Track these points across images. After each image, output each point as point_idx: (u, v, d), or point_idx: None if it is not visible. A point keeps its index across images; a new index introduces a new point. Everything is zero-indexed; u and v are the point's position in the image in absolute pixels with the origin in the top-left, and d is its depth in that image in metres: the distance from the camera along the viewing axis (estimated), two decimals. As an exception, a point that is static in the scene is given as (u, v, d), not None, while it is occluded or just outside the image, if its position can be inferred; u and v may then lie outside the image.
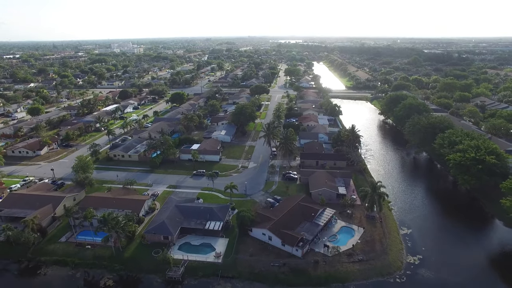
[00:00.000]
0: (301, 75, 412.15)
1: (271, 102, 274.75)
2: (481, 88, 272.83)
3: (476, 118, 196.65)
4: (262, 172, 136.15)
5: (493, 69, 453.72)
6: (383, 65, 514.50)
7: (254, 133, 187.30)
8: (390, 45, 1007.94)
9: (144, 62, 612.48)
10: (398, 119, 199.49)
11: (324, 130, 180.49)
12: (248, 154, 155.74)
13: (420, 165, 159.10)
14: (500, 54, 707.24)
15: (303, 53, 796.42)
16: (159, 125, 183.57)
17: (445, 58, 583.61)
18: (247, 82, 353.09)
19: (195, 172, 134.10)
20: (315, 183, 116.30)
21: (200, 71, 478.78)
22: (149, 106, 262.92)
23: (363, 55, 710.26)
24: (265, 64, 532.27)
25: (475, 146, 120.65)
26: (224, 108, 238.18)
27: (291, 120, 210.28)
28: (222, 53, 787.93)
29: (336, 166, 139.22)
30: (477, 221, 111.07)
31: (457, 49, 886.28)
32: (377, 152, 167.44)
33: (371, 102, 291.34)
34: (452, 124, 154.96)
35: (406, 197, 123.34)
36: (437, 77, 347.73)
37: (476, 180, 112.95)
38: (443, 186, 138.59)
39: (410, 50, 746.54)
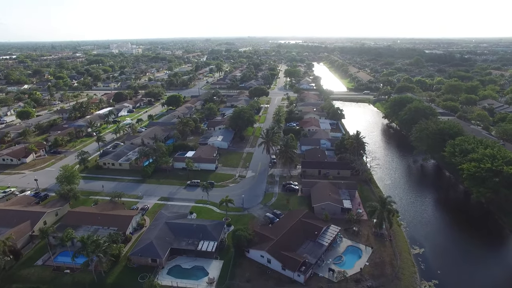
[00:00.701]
0: (301, 76, 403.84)
1: (270, 104, 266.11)
2: (488, 90, 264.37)
3: (486, 122, 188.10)
4: (260, 183, 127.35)
5: (497, 70, 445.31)
6: (385, 66, 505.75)
7: (252, 139, 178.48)
8: (391, 46, 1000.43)
9: (142, 63, 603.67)
10: (403, 123, 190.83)
11: (326, 135, 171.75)
12: (246, 162, 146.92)
13: (428, 173, 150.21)
14: (502, 55, 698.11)
15: (303, 54, 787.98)
16: (153, 130, 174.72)
17: (447, 58, 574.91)
18: (246, 84, 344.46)
19: (189, 182, 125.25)
20: (318, 196, 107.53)
21: (198, 72, 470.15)
22: (145, 109, 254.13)
23: (364, 56, 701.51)
24: (265, 65, 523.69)
25: (491, 155, 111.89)
26: (221, 112, 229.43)
27: (292, 124, 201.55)
28: (221, 54, 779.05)
29: (340, 175, 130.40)
30: (494, 237, 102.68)
31: (458, 50, 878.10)
32: (382, 159, 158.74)
33: (373, 104, 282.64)
34: (462, 130, 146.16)
35: (415, 209, 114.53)
36: (441, 78, 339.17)
37: (493, 193, 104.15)
38: (454, 196, 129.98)
39: (411, 51, 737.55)
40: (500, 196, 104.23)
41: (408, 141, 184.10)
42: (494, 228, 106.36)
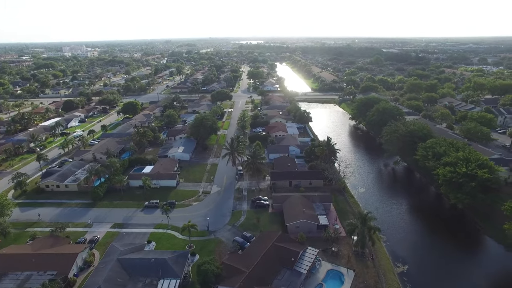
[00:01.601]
0: (265, 77, 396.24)
1: (234, 108, 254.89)
2: (446, 88, 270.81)
3: (449, 121, 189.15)
4: (227, 199, 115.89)
5: (449, 68, 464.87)
6: (347, 65, 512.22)
7: (216, 148, 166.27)
8: (350, 45, 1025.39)
9: (97, 67, 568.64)
10: (371, 125, 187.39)
11: (294, 141, 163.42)
12: (210, 175, 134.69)
13: (400, 177, 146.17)
14: (451, 54, 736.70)
15: (265, 54, 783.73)
16: (106, 143, 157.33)
17: (404, 57, 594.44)
18: (208, 87, 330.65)
19: (147, 203, 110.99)
20: (291, 213, 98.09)
21: (157, 75, 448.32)
22: (98, 118, 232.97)
23: (325, 55, 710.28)
24: (227, 67, 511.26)
25: (464, 158, 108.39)
26: (182, 118, 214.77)
27: (257, 130, 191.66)
28: (182, 56, 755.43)
29: (312, 185, 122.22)
30: (475, 245, 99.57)
31: (412, 49, 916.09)
32: (353, 163, 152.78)
33: (339, 105, 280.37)
34: (431, 131, 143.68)
35: (393, 219, 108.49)
36: (401, 77, 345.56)
37: (470, 198, 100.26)
38: (428, 200, 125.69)
39: (370, 50, 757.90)
40: (477, 201, 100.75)
41: (377, 142, 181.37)
42: (473, 234, 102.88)
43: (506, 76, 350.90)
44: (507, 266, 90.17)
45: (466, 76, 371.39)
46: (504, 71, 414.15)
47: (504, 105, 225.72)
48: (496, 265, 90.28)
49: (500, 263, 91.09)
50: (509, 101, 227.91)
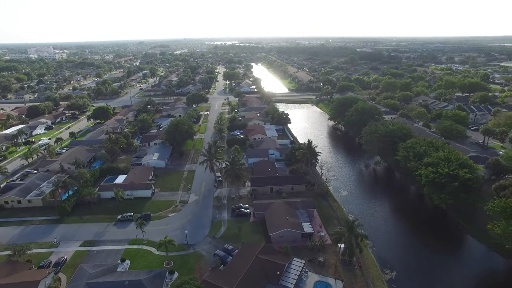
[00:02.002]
0: (241, 78, 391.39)
1: (211, 111, 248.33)
2: (420, 87, 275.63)
3: (425, 119, 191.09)
4: (206, 208, 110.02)
5: (420, 67, 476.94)
6: (322, 65, 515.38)
7: (193, 153, 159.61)
8: (324, 45, 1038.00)
9: (66, 70, 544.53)
10: (350, 125, 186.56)
11: (274, 144, 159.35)
12: (187, 182, 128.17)
13: (381, 178, 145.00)
14: (421, 53, 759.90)
15: (241, 55, 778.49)
16: (75, 152, 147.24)
17: (377, 56, 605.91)
18: (183, 89, 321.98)
19: (120, 217, 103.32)
20: (274, 222, 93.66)
21: (130, 78, 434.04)
22: (67, 125, 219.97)
23: (300, 55, 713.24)
24: (202, 68, 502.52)
25: (445, 158, 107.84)
26: (157, 123, 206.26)
27: (235, 133, 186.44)
28: (156, 57, 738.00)
29: (294, 190, 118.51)
30: (459, 246, 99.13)
31: (385, 48, 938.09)
32: (333, 164, 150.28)
33: (317, 105, 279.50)
34: (411, 131, 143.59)
35: (378, 223, 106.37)
36: (376, 76, 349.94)
37: (454, 199, 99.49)
38: (410, 201, 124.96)
39: (344, 49, 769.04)
40: (460, 201, 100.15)
41: (356, 142, 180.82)
42: (456, 234, 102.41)
43: (473, 75, 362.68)
44: (490, 265, 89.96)
45: (437, 75, 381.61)
46: (470, 70, 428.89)
47: (474, 103, 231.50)
48: (480, 265, 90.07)
49: (484, 263, 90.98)
50: (478, 99, 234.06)
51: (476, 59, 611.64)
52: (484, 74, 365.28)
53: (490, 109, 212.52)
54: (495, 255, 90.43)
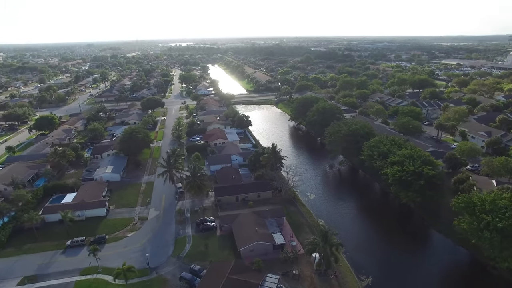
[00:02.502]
0: (198, 80, 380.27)
1: (168, 116, 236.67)
2: (375, 85, 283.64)
3: (383, 116, 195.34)
4: (168, 224, 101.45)
5: (373, 65, 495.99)
6: (279, 65, 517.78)
7: (151, 163, 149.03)
8: (279, 44, 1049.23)
9: (2, 75, 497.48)
10: (311, 125, 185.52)
11: (236, 149, 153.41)
12: (146, 196, 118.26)
13: (346, 178, 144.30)
14: (371, 51, 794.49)
15: (197, 56, 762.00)
16: (13, 170, 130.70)
17: (331, 55, 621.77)
18: (138, 94, 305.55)
19: (70, 242, 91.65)
20: (243, 235, 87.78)
21: (79, 83, 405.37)
22: (3, 138, 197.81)
23: (257, 56, 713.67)
24: (157, 71, 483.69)
25: (409, 155, 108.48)
26: (110, 132, 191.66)
27: (195, 138, 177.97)
28: (107, 61, 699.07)
29: (261, 198, 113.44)
30: (427, 242, 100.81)
31: (337, 47, 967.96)
32: (298, 166, 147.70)
33: (276, 105, 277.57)
34: (372, 129, 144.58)
35: (348, 225, 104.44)
36: (333, 75, 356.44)
37: (420, 196, 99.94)
38: (377, 200, 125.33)
39: (299, 49, 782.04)
40: (426, 198, 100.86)
41: (319, 142, 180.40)
42: (423, 230, 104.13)
43: (421, 71, 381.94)
44: (457, 259, 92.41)
45: (388, 72, 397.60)
46: (417, 67, 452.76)
47: (425, 98, 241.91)
48: (447, 259, 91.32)
49: (451, 257, 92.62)
50: (428, 95, 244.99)
51: (420, 57, 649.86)
52: (430, 71, 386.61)
53: (439, 104, 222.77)
54: (461, 249, 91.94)
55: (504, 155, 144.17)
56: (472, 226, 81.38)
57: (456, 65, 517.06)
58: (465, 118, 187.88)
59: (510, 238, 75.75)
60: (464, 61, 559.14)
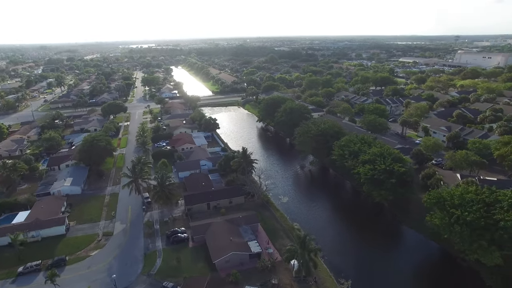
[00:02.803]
0: (161, 83, 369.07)
1: (131, 121, 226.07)
2: (340, 83, 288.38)
3: (350, 115, 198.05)
4: (136, 238, 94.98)
5: (336, 63, 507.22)
6: (244, 65, 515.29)
7: (115, 173, 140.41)
8: (243, 45, 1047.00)
9: None
10: (280, 125, 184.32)
11: (205, 153, 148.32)
12: (110, 209, 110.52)
13: (318, 178, 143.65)
14: (334, 50, 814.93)
15: (159, 58, 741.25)
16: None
17: (295, 55, 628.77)
18: (98, 99, 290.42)
19: (22, 269, 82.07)
20: (217, 245, 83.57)
21: (31, 88, 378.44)
22: None
23: (221, 56, 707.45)
24: (118, 74, 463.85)
25: (380, 154, 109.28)
26: (68, 140, 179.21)
27: (161, 144, 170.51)
28: (63, 64, 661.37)
29: (233, 204, 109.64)
30: (400, 239, 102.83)
31: (300, 46, 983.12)
32: (269, 169, 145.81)
33: (243, 107, 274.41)
34: (341, 128, 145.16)
35: (323, 226, 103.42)
36: (298, 74, 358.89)
37: (393, 194, 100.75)
38: (349, 199, 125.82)
39: (263, 49, 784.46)
40: (398, 195, 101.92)
41: (288, 143, 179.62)
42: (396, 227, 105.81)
43: (381, 70, 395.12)
44: (429, 253, 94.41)
45: (351, 70, 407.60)
46: (378, 65, 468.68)
47: (388, 96, 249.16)
48: (421, 254, 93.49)
49: (423, 251, 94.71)
50: (391, 92, 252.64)
51: (379, 55, 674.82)
52: (390, 69, 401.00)
53: (402, 101, 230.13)
54: (432, 243, 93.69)
55: (464, 148, 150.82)
56: (443, 221, 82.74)
57: (412, 63, 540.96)
58: (426, 113, 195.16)
59: (478, 231, 77.67)
60: (419, 59, 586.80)
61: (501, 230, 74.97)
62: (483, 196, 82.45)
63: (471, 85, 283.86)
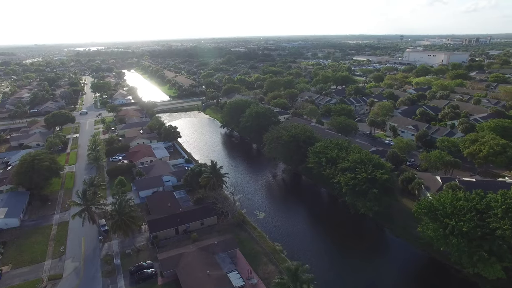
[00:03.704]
0: (114, 88, 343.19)
1: (81, 133, 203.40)
2: (302, 83, 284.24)
3: (317, 116, 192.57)
4: (92, 279, 79.35)
5: (293, 63, 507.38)
6: (200, 67, 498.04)
7: (63, 196, 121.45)
8: (197, 46, 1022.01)
9: None
10: (246, 131, 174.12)
11: (167, 167, 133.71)
12: (58, 243, 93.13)
13: (293, 187, 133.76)
14: (289, 50, 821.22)
15: (110, 61, 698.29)
16: None
17: (252, 55, 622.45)
18: (40, 108, 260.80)
19: None
20: (192, 283, 71.05)
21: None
22: None
23: (176, 58, 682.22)
24: (64, 80, 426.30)
25: (360, 160, 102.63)
26: (3, 159, 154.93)
27: (116, 158, 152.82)
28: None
29: (205, 226, 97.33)
30: (387, 248, 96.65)
31: (256, 46, 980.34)
32: (239, 180, 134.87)
33: (204, 111, 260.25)
34: (313, 132, 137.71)
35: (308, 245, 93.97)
36: (258, 75, 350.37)
37: (377, 204, 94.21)
38: (328, 208, 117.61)
39: (218, 50, 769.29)
40: (382, 204, 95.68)
41: (256, 149, 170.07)
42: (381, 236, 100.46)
43: (339, 68, 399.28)
44: (421, 264, 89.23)
45: (310, 70, 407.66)
46: (335, 64, 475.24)
47: (350, 95, 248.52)
48: (414, 266, 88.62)
49: (416, 263, 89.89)
50: (353, 91, 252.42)
51: (335, 54, 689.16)
52: (347, 68, 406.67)
53: (365, 100, 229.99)
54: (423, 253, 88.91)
55: (432, 147, 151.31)
56: (438, 233, 77.27)
57: (366, 61, 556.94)
58: (391, 112, 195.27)
59: (475, 241, 73.07)
60: (371, 57, 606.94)
61: (499, 240, 70.77)
62: (474, 203, 78.11)
63: (425, 82, 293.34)
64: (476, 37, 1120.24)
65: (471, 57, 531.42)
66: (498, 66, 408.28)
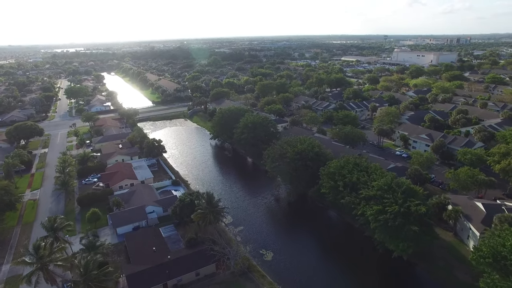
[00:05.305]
0: (91, 94, 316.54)
1: (50, 147, 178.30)
2: (295, 87, 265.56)
3: (318, 125, 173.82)
4: None
5: (282, 64, 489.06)
6: (185, 69, 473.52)
7: (18, 234, 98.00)
8: (181, 47, 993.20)
9: None
10: (241, 144, 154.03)
11: (151, 194, 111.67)
12: (7, 310, 70.68)
13: (302, 214, 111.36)
14: (275, 50, 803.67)
15: (88, 64, 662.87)
16: None
17: (238, 56, 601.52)
18: (5, 117, 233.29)
19: None
20: None
21: None
22: None
23: (159, 60, 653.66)
24: (36, 84, 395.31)
25: (388, 187, 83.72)
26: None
27: (90, 180, 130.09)
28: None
29: (201, 276, 76.58)
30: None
31: (240, 47, 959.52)
32: (236, 204, 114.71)
33: (191, 119, 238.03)
34: (322, 147, 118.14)
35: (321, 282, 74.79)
36: (247, 78, 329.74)
37: (415, 245, 75.58)
38: (349, 240, 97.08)
39: (203, 51, 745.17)
40: (422, 244, 77.20)
41: (252, 163, 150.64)
42: (416, 277, 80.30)
43: (331, 70, 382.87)
44: None
45: (300, 71, 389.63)
46: (325, 65, 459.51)
47: (349, 99, 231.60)
48: None
49: None
50: (351, 94, 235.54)
51: (322, 55, 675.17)
52: (339, 69, 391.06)
53: (366, 105, 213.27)
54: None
55: (451, 159, 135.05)
56: None
57: (355, 62, 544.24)
58: (397, 119, 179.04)
59: None
60: (360, 58, 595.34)
61: None
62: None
63: (423, 84, 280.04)
64: (457, 37, 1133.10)
65: (459, 57, 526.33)
66: (488, 66, 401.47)
